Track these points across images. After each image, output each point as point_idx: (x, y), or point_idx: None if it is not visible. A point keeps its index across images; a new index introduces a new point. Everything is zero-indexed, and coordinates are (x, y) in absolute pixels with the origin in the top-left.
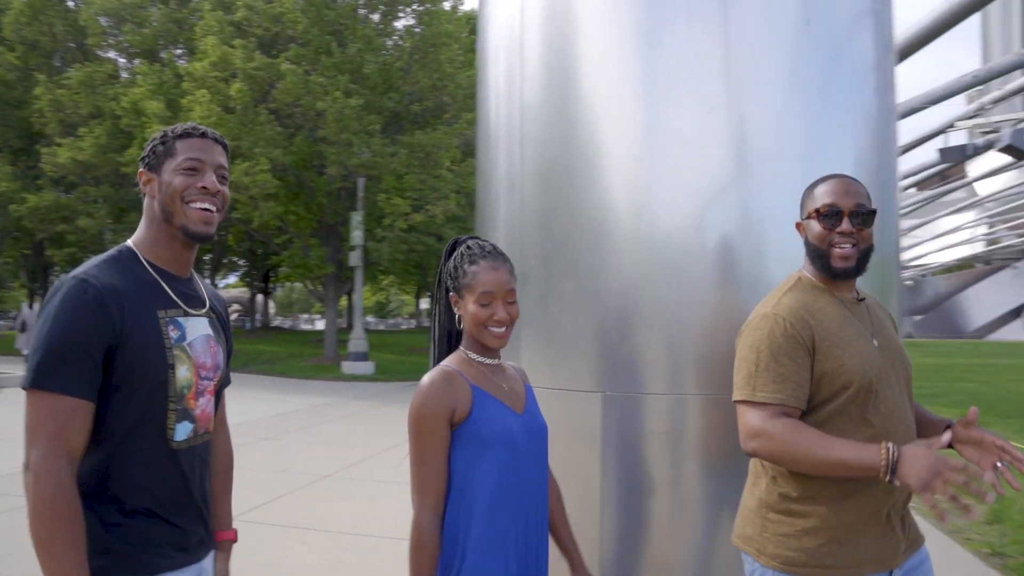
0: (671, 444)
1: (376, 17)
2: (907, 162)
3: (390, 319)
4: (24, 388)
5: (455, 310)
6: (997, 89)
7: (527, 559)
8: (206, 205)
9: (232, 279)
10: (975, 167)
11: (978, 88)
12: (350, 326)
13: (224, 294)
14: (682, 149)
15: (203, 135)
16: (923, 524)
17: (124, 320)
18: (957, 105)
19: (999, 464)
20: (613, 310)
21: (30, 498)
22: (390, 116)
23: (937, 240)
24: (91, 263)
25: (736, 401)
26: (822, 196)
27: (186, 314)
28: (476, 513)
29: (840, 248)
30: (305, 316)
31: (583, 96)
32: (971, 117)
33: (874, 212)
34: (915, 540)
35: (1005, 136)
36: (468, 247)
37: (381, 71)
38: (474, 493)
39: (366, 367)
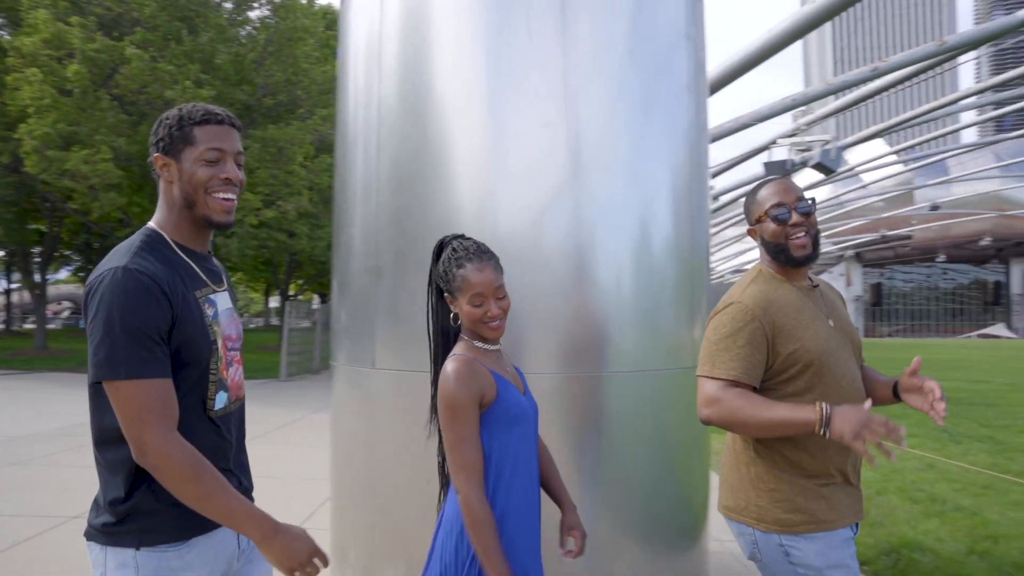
0: None
1: (229, 6)
2: (740, 173)
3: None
4: (109, 380)
5: (452, 308)
6: (812, 113)
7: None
8: (228, 195)
9: (63, 274)
10: (798, 180)
11: (802, 108)
12: None
13: (55, 291)
14: (523, 158)
15: (221, 121)
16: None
17: (174, 304)
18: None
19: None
20: None
21: (170, 473)
22: (242, 109)
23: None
24: (127, 252)
25: (698, 375)
26: (767, 199)
27: (214, 291)
28: (506, 486)
29: (796, 239)
30: None
31: (436, 106)
32: (790, 136)
33: (814, 200)
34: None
35: (816, 155)
36: (454, 249)
37: (234, 62)
38: (504, 469)
39: None
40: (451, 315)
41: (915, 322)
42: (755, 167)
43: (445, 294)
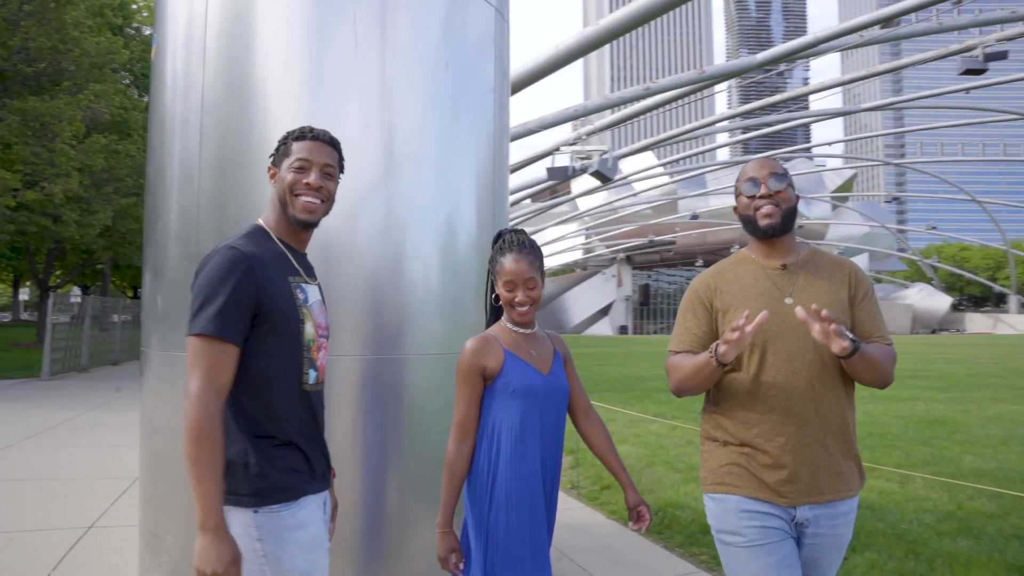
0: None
1: None
2: (525, 176)
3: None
4: (188, 335)
5: (495, 290)
6: (591, 124)
7: (550, 471)
8: (311, 198)
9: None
10: (578, 185)
11: (581, 119)
12: None
13: None
14: (344, 156)
15: (314, 137)
16: None
17: (266, 281)
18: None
19: None
20: None
21: (188, 422)
22: None
23: (546, 247)
24: (234, 236)
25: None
26: (742, 175)
27: (306, 281)
28: (508, 454)
29: (762, 209)
30: None
31: (262, 100)
32: (572, 144)
33: (787, 174)
34: None
35: (594, 163)
36: (504, 240)
37: None
38: (503, 436)
39: None
40: (494, 295)
41: None
42: (539, 171)
43: (491, 277)
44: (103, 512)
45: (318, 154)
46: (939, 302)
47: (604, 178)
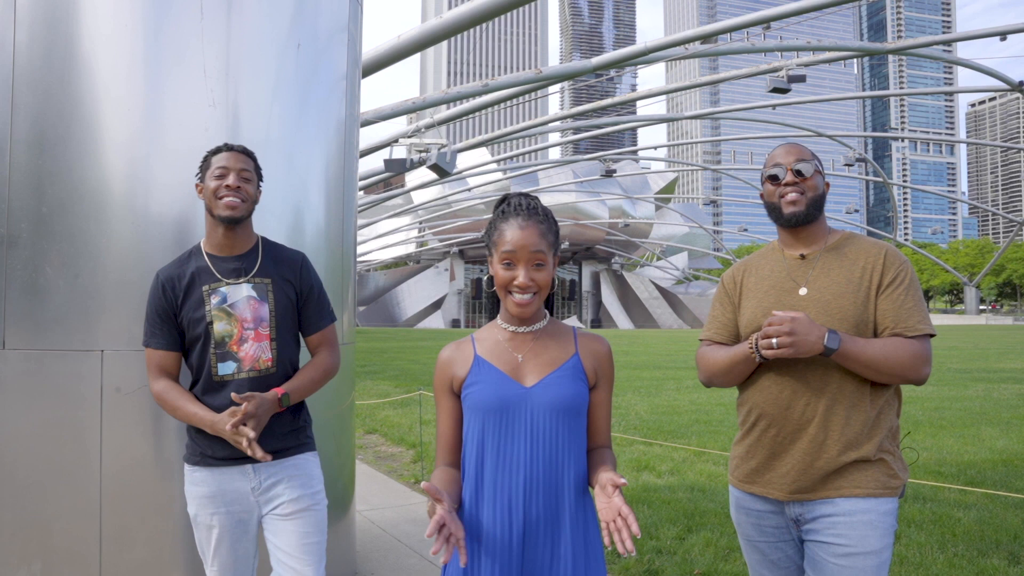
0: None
1: None
2: (360, 167)
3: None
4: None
5: (490, 270)
6: (429, 117)
7: (525, 519)
8: (231, 197)
9: None
10: (412, 178)
11: (418, 112)
12: None
13: None
14: (185, 138)
15: (229, 149)
16: (363, 469)
17: (176, 297)
18: (401, 124)
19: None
20: (112, 272)
21: (162, 406)
22: None
23: (379, 239)
24: (171, 262)
25: None
26: (769, 160)
27: (229, 284)
28: (482, 474)
29: (787, 196)
30: None
31: (87, 72)
32: (409, 136)
33: (815, 159)
34: None
35: (432, 156)
36: (508, 203)
37: None
38: (474, 453)
39: None
40: (488, 277)
41: None
42: (373, 162)
43: (487, 254)
44: None
45: (234, 161)
46: None
47: (442, 171)
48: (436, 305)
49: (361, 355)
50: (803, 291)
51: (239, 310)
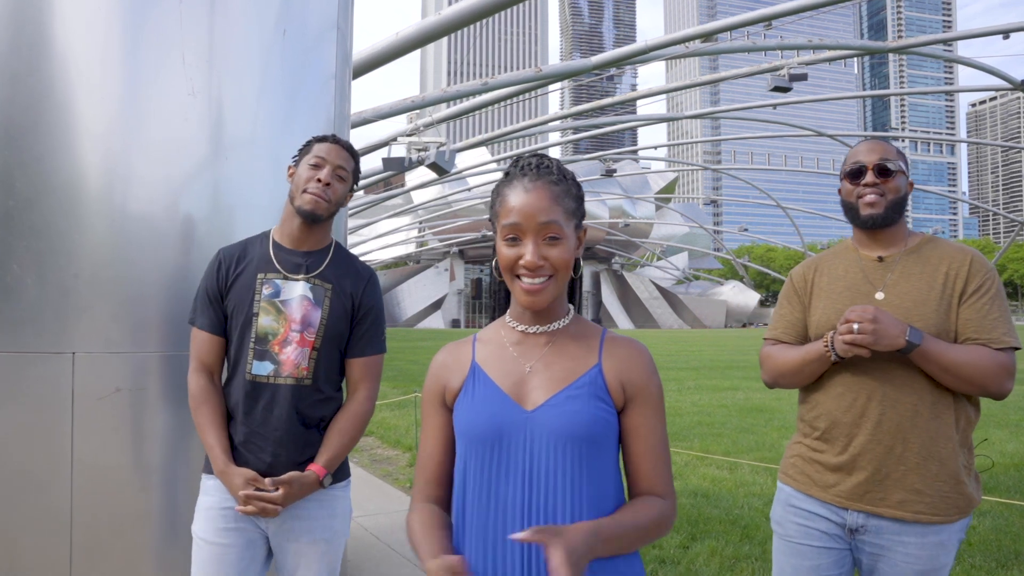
0: (135, 400)
1: None
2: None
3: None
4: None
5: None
6: (429, 115)
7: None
8: (317, 193)
9: None
10: (412, 178)
11: (417, 111)
12: None
13: None
14: (162, 126)
15: (335, 141)
16: (357, 472)
17: (228, 277)
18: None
19: None
20: (85, 270)
21: (192, 411)
22: None
23: (379, 239)
24: (238, 241)
25: None
26: (850, 158)
27: (287, 278)
28: (465, 509)
29: (866, 198)
30: None
31: (59, 57)
32: (409, 135)
33: (900, 158)
34: None
35: (432, 155)
36: (518, 165)
37: None
38: (459, 482)
39: None
40: (494, 262)
41: None
42: (372, 162)
43: (491, 231)
44: None
45: (334, 155)
46: (749, 298)
47: (441, 170)
48: (436, 305)
49: None
50: (880, 295)
51: (290, 308)
